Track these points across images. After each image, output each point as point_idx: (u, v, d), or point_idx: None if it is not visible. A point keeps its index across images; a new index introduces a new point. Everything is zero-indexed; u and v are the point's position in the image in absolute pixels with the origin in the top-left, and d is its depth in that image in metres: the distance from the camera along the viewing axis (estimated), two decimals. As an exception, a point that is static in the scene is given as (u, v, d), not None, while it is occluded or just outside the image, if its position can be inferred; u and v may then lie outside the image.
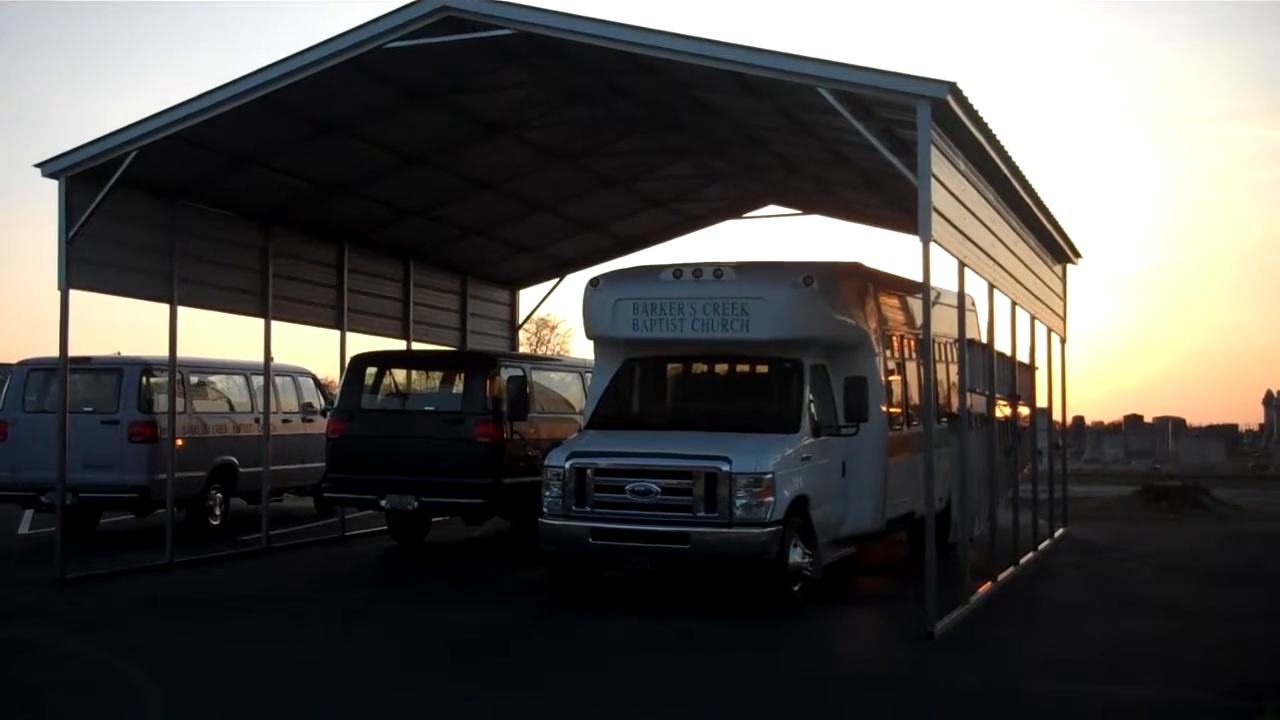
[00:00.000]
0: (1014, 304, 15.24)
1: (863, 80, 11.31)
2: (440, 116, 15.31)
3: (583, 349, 36.82)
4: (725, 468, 11.85)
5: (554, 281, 23.45)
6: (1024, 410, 17.41)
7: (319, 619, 12.53)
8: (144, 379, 17.62)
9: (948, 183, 11.66)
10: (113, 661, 10.26)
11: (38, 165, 13.99)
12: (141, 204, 15.03)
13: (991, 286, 13.80)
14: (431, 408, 17.51)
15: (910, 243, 11.52)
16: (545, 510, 12.51)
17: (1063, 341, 19.89)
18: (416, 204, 18.36)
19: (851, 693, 9.59)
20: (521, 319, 24.05)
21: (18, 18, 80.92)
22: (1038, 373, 18.08)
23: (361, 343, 19.06)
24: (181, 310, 15.85)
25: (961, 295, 12.95)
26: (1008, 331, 15.39)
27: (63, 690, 9.54)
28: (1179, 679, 9.94)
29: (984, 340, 14.64)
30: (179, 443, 16.81)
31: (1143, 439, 45.74)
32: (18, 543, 18.38)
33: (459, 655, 10.67)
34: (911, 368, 15.19)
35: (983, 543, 14.31)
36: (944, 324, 14.44)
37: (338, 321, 18.81)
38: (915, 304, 15.10)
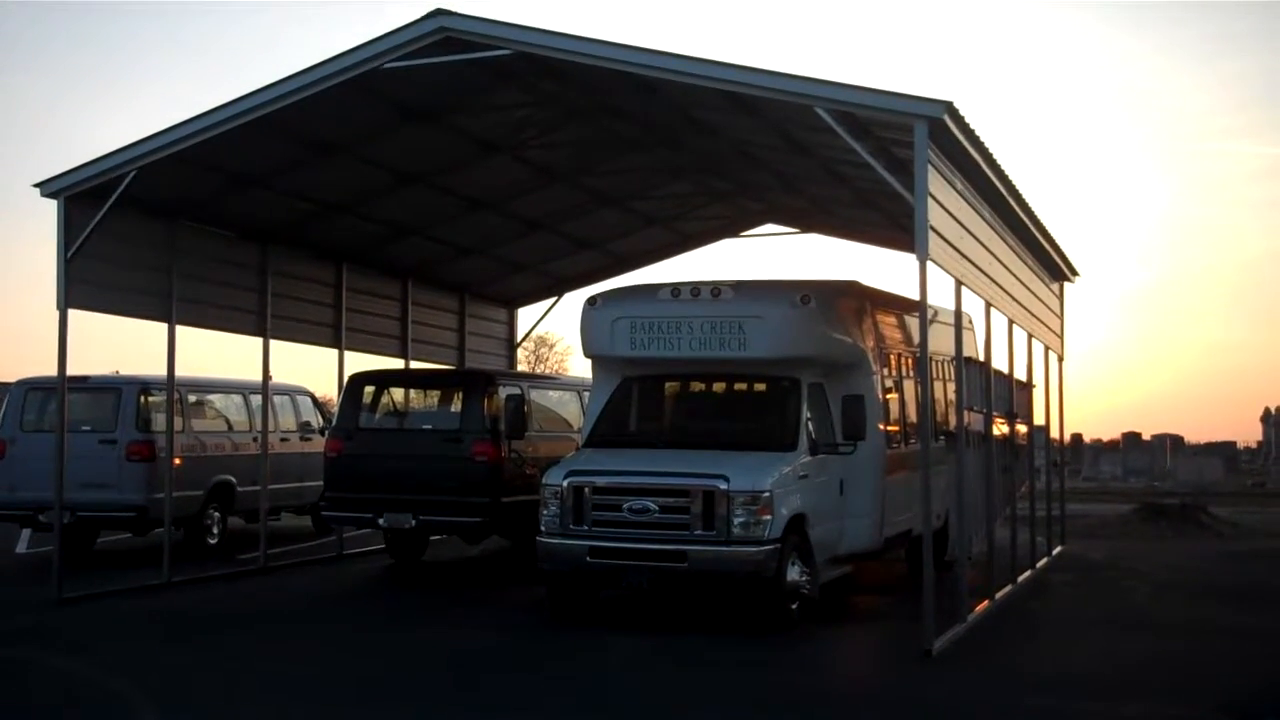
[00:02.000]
0: (1011, 322, 15.27)
1: (859, 100, 11.36)
2: (438, 136, 15.35)
3: (581, 367, 36.80)
4: (723, 486, 11.87)
5: (552, 300, 23.49)
6: (1021, 428, 17.43)
7: (317, 638, 12.51)
8: (142, 398, 17.64)
9: (945, 201, 11.70)
10: (110, 680, 10.24)
11: (37, 185, 14.03)
12: (140, 223, 15.06)
13: (989, 305, 13.83)
14: (429, 426, 17.52)
15: (908, 261, 11.52)
16: (543, 529, 12.51)
17: (1060, 359, 19.93)
18: (415, 223, 18.40)
19: (850, 711, 9.59)
20: (519, 337, 24.07)
21: (17, 37, 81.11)
22: (1035, 390, 18.11)
23: (360, 361, 19.11)
24: (180, 329, 15.87)
25: (959, 313, 12.97)
26: (1005, 349, 15.43)
27: (59, 710, 9.54)
28: (1178, 696, 9.93)
29: (981, 358, 14.66)
30: (177, 462, 16.81)
31: (1141, 456, 45.74)
32: (15, 562, 18.35)
33: (459, 674, 10.66)
34: (909, 386, 15.20)
35: (980, 561, 14.32)
36: (941, 342, 14.46)
37: (336, 340, 18.83)
38: (913, 322, 15.13)
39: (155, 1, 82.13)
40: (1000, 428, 15.61)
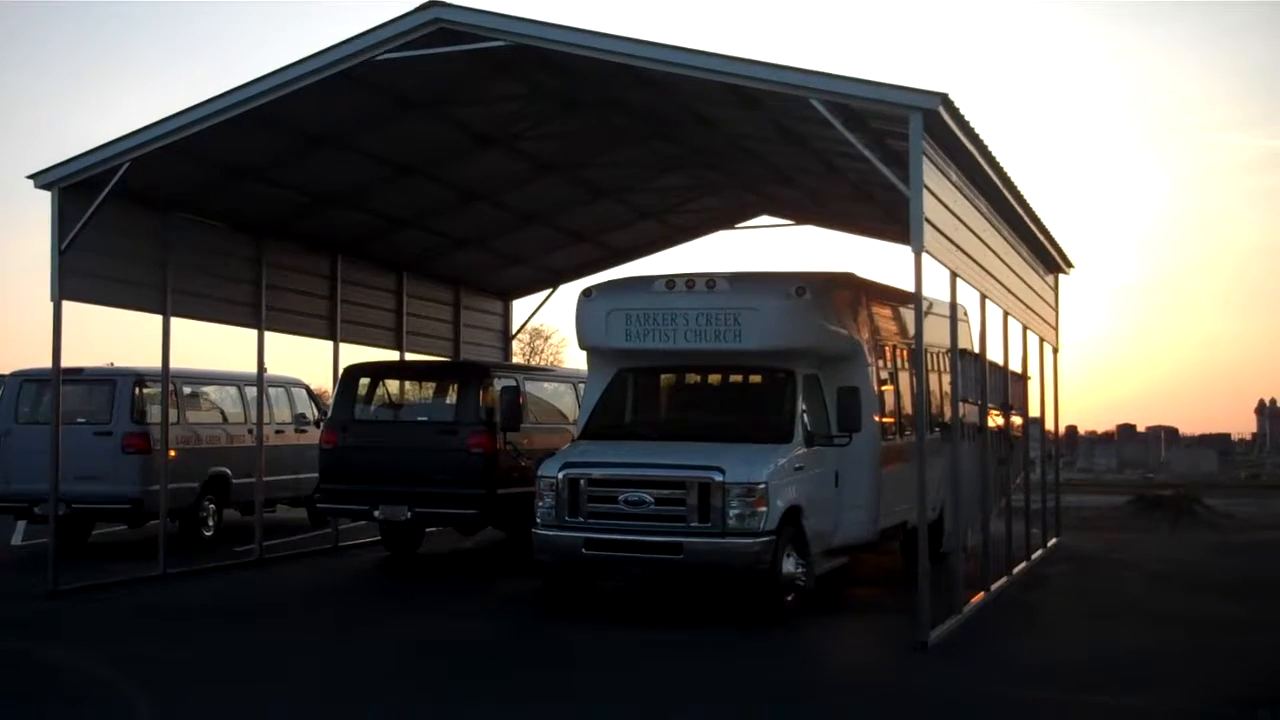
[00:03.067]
0: (1006, 314, 15.27)
1: (854, 91, 11.34)
2: (433, 128, 15.33)
3: (576, 359, 36.89)
4: (718, 478, 11.87)
5: (547, 292, 23.49)
6: (1016, 420, 17.44)
7: (313, 631, 12.51)
8: (137, 390, 17.61)
9: (939, 193, 11.69)
10: (105, 673, 10.24)
11: (31, 176, 13.99)
12: (135, 215, 15.03)
13: (983, 297, 13.83)
14: (425, 418, 17.51)
15: (903, 253, 11.54)
16: (539, 520, 12.51)
17: (1055, 351, 19.93)
18: (410, 215, 18.38)
19: (846, 703, 9.59)
20: (515, 329, 24.07)
21: (12, 29, 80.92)
22: (1030, 382, 18.12)
23: (355, 353, 19.12)
24: (175, 321, 15.85)
25: (954, 305, 12.97)
26: (1000, 341, 15.43)
27: (55, 702, 9.53)
28: (1172, 688, 9.95)
29: (976, 350, 14.66)
30: (172, 454, 16.77)
31: (1135, 448, 45.82)
32: (11, 554, 18.35)
33: (455, 667, 10.66)
34: (904, 378, 15.21)
35: (975, 552, 14.32)
36: (936, 334, 14.45)
37: (331, 332, 18.82)
38: (907, 314, 15.12)
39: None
40: (995, 420, 15.61)
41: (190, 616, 13.11)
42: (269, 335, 17.59)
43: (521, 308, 23.90)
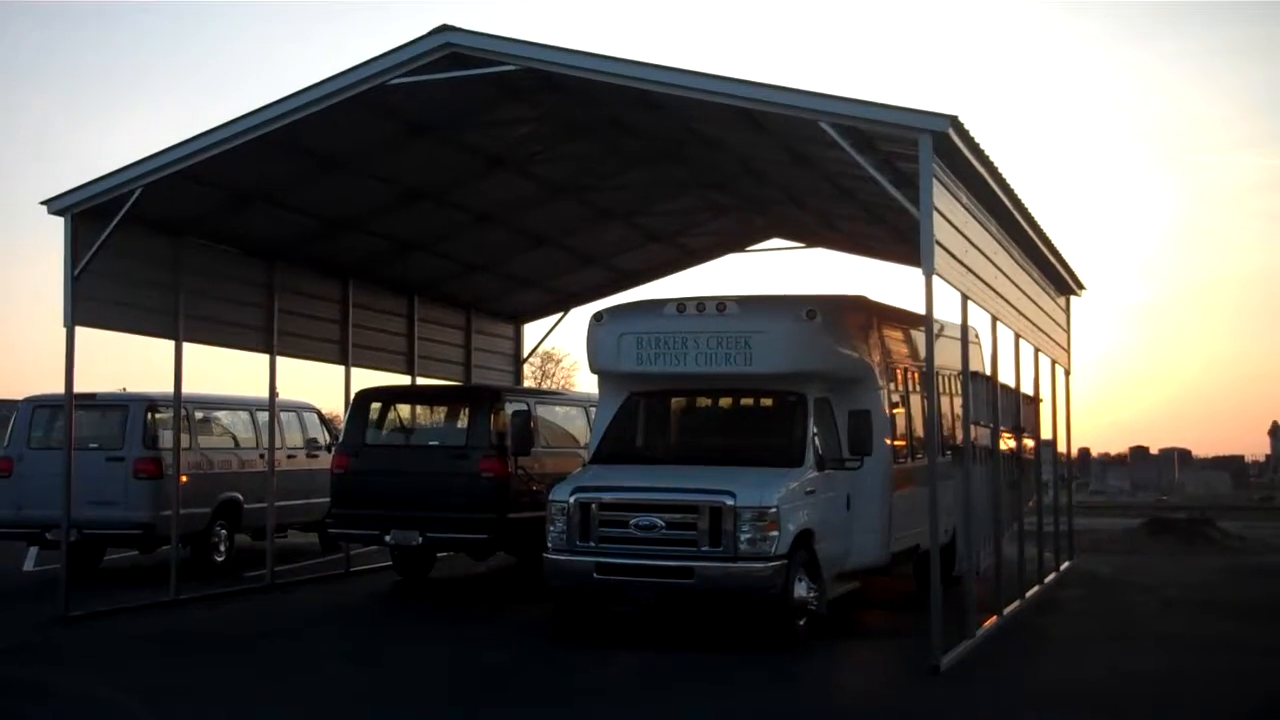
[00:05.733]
0: (1017, 336, 15.24)
1: (864, 114, 11.36)
2: (444, 152, 15.38)
3: (587, 383, 36.87)
4: (729, 502, 11.84)
5: (558, 316, 23.51)
6: (1028, 442, 17.38)
7: (323, 656, 12.49)
8: (149, 415, 17.64)
9: (950, 215, 11.68)
10: (116, 699, 10.22)
11: (44, 202, 14.06)
12: (146, 240, 15.09)
13: (995, 319, 13.81)
14: (436, 443, 17.52)
15: (913, 276, 11.55)
16: (550, 545, 12.50)
17: (1067, 373, 19.87)
18: (421, 239, 18.42)
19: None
20: (526, 353, 24.09)
21: (22, 53, 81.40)
22: (1042, 405, 18.06)
23: (366, 378, 19.12)
24: (187, 346, 15.89)
25: (965, 328, 12.94)
26: (1011, 364, 15.39)
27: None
28: (1184, 714, 9.89)
29: (988, 373, 14.63)
30: (183, 479, 16.80)
31: (1148, 470, 45.64)
32: (22, 580, 18.35)
33: (463, 691, 10.63)
34: (915, 400, 15.17)
35: (988, 576, 14.26)
36: (947, 357, 14.43)
37: (342, 357, 18.84)
38: (919, 337, 15.09)
39: (158, 16, 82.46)
40: (1007, 442, 15.57)
41: (201, 642, 13.10)
42: (280, 360, 17.62)
43: (532, 331, 23.95)
